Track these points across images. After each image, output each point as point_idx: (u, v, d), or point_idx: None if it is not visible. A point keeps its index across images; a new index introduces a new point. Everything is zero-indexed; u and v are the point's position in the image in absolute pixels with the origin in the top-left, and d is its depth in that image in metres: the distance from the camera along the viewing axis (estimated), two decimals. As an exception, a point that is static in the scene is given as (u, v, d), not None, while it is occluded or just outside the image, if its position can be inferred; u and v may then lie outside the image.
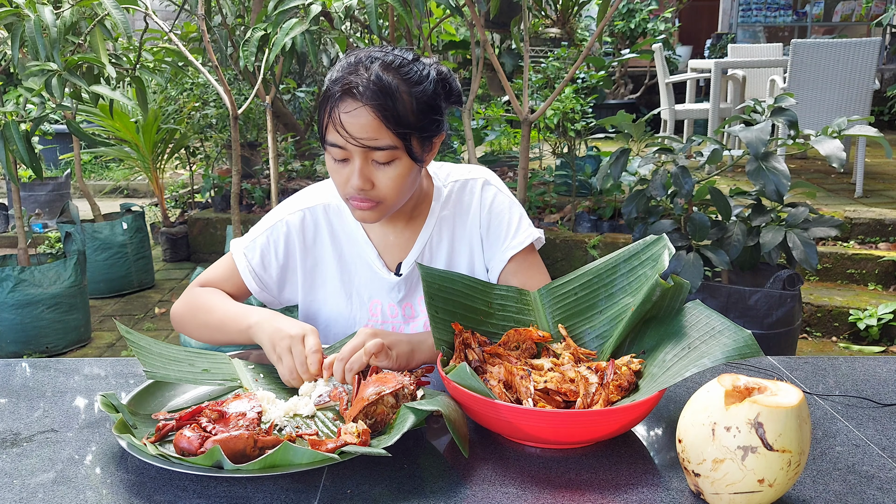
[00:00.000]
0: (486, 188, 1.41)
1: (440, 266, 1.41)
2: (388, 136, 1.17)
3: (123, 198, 7.11)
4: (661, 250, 1.17)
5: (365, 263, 1.39)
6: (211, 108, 5.05)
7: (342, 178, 1.23)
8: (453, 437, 0.94)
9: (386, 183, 1.22)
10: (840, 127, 2.55)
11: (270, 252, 1.38)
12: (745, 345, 0.96)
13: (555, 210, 4.67)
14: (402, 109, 1.17)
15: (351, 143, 1.18)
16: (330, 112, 1.19)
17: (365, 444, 0.94)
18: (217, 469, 0.90)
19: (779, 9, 9.79)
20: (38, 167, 2.99)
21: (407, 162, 1.22)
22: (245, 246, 1.39)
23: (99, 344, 3.78)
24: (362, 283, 1.40)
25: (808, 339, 3.63)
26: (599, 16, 3.10)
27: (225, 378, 1.18)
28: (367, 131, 1.16)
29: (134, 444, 0.95)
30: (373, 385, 1.03)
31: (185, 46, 3.20)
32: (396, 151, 1.20)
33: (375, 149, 1.18)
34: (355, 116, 1.16)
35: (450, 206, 1.41)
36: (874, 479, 0.93)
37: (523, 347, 1.18)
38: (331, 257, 1.40)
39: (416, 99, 1.19)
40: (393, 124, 1.16)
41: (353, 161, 1.20)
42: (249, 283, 1.38)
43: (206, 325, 1.34)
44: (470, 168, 1.45)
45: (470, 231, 1.41)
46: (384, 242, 1.40)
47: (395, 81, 1.17)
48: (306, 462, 0.91)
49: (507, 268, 1.39)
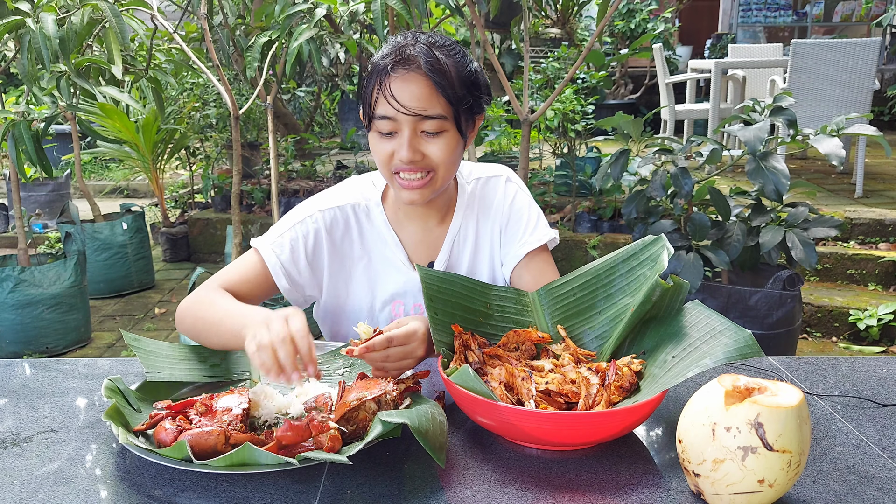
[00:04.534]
0: (508, 185, 1.44)
1: (465, 262, 1.42)
2: (438, 105, 1.20)
3: (123, 198, 7.11)
4: (659, 250, 1.17)
5: (392, 264, 1.39)
6: (211, 108, 5.05)
7: (387, 152, 1.24)
8: (425, 448, 0.91)
9: (436, 153, 1.23)
10: (839, 125, 2.55)
11: (300, 247, 1.34)
12: (746, 345, 0.96)
13: (555, 210, 4.67)
14: (451, 80, 1.21)
15: (402, 111, 1.19)
16: (380, 84, 1.20)
17: (332, 451, 0.93)
18: (187, 463, 0.91)
19: (779, 9, 9.78)
20: (48, 166, 3.02)
21: (454, 134, 1.24)
22: (272, 242, 1.34)
23: (99, 344, 3.78)
24: (389, 284, 1.39)
25: (808, 340, 3.63)
26: (599, 16, 3.10)
27: (234, 371, 1.20)
28: (419, 99, 1.19)
29: (114, 430, 0.97)
30: (356, 390, 1.02)
31: (186, 46, 3.20)
32: (445, 122, 1.22)
33: (427, 117, 1.20)
34: (408, 84, 1.19)
35: (474, 202, 1.42)
36: (874, 479, 0.93)
37: (523, 349, 1.18)
38: (358, 257, 1.39)
39: (462, 73, 1.23)
40: (444, 92, 1.19)
41: (402, 133, 1.22)
42: (279, 280, 1.32)
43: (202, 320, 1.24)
44: (491, 166, 1.47)
45: (492, 227, 1.42)
46: (413, 241, 1.40)
47: (443, 55, 1.22)
48: (268, 463, 0.91)
49: (520, 263, 1.40)
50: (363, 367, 1.23)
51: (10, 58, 2.63)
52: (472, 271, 1.42)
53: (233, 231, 3.30)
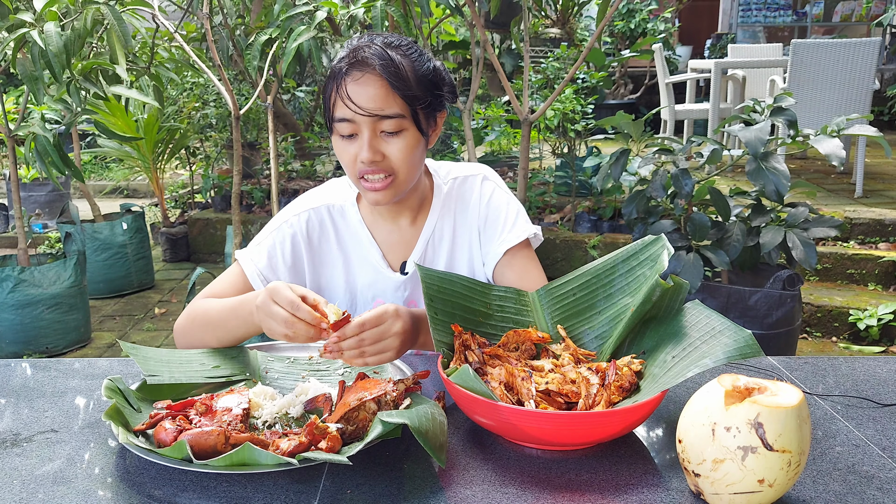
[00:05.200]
0: (485, 183, 1.43)
1: (442, 262, 1.41)
2: (395, 104, 1.20)
3: (123, 198, 7.11)
4: (659, 250, 1.17)
5: (369, 263, 1.39)
6: (211, 108, 5.05)
7: (350, 155, 1.24)
8: (425, 448, 0.91)
9: (396, 154, 1.24)
10: (839, 126, 2.55)
11: (277, 254, 1.37)
12: (746, 345, 0.96)
13: (555, 210, 4.67)
14: (407, 79, 1.21)
15: (360, 113, 1.20)
16: (337, 88, 1.21)
17: (332, 451, 0.93)
18: (187, 463, 0.91)
19: (779, 9, 9.79)
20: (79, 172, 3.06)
21: (414, 133, 1.24)
22: (251, 251, 1.37)
23: (99, 344, 3.78)
24: (367, 283, 1.40)
25: (808, 340, 3.63)
26: (599, 16, 3.10)
27: (234, 372, 1.20)
28: (375, 100, 1.19)
29: (114, 430, 0.97)
30: (356, 391, 1.03)
31: (187, 46, 3.20)
32: (404, 121, 1.22)
33: (384, 117, 1.21)
34: (363, 85, 1.19)
35: (451, 202, 1.41)
36: (874, 479, 0.93)
37: (522, 349, 1.17)
38: (336, 257, 1.40)
39: (419, 72, 1.23)
40: (400, 91, 1.20)
41: (362, 134, 1.22)
42: (258, 287, 1.34)
43: (208, 325, 1.28)
44: (469, 165, 1.47)
45: (469, 226, 1.41)
46: (388, 241, 1.40)
47: (398, 56, 1.22)
48: (268, 464, 0.91)
49: (501, 261, 1.39)
50: (363, 367, 1.23)
51: (10, 57, 2.62)
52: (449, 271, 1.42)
53: (233, 231, 3.30)
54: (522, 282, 1.33)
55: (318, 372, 1.24)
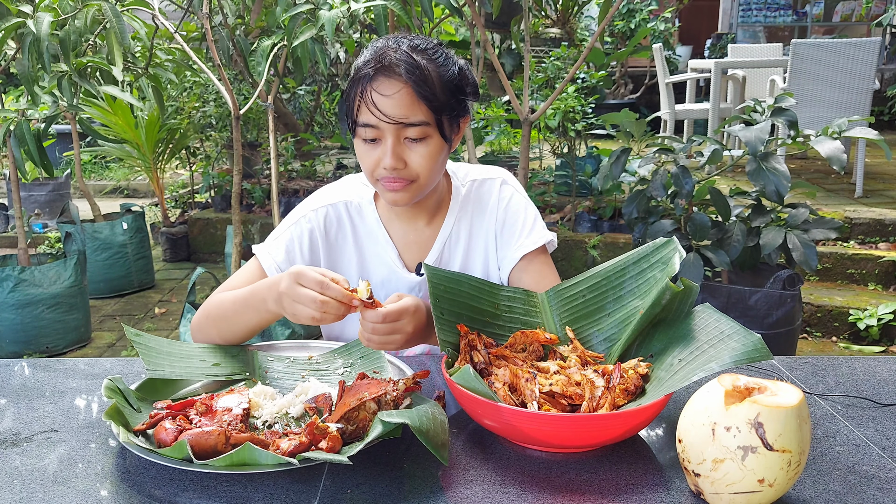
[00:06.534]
0: (503, 187, 1.42)
1: (457, 265, 1.41)
2: (420, 112, 1.19)
3: (123, 198, 7.12)
4: (671, 253, 1.16)
5: (384, 262, 1.39)
6: (211, 108, 5.05)
7: (372, 160, 1.23)
8: (427, 446, 0.91)
9: (418, 161, 1.23)
10: (840, 128, 2.55)
11: (295, 248, 1.36)
12: (755, 349, 0.94)
13: (555, 210, 4.67)
14: (433, 86, 1.20)
15: (384, 120, 1.19)
16: (362, 93, 1.20)
17: (332, 451, 0.93)
18: (187, 462, 0.91)
19: (779, 9, 9.79)
20: (49, 166, 3.03)
21: (438, 140, 1.23)
22: (268, 246, 1.37)
23: (99, 344, 3.78)
24: (381, 282, 1.40)
25: (808, 339, 3.63)
26: (600, 16, 3.10)
27: (234, 371, 1.20)
28: (400, 108, 1.18)
29: (114, 429, 0.97)
30: (356, 390, 1.03)
31: (187, 46, 3.20)
32: (428, 128, 1.21)
33: (409, 125, 1.20)
34: (389, 92, 1.18)
35: (468, 204, 1.41)
36: (874, 479, 0.93)
37: (530, 350, 1.17)
38: (352, 254, 1.40)
39: (444, 78, 1.22)
40: (426, 99, 1.18)
41: (385, 140, 1.21)
42: None
43: (222, 318, 1.26)
44: (488, 168, 1.46)
45: (486, 229, 1.41)
46: (405, 241, 1.39)
47: (424, 61, 1.20)
48: (268, 464, 0.91)
49: (517, 266, 1.39)
50: (363, 367, 1.23)
51: (10, 57, 2.63)
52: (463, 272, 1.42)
53: (233, 231, 3.30)
54: (539, 287, 1.33)
55: (318, 372, 1.24)
